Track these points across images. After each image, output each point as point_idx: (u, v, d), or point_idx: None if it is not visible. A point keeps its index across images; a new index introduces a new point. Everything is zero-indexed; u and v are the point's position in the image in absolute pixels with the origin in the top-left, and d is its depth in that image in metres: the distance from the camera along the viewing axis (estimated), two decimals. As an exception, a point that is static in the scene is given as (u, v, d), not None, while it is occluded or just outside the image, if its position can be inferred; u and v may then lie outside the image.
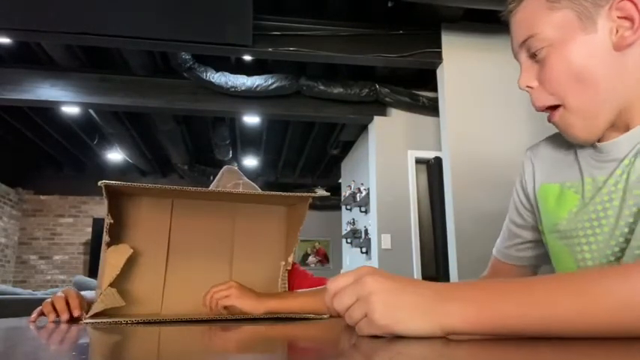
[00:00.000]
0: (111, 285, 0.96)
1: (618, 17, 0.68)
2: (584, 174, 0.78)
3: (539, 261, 0.92)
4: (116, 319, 0.90)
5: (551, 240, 0.83)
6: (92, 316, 0.92)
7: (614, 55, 0.68)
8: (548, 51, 0.71)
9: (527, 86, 0.76)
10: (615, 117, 0.72)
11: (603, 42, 0.69)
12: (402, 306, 0.48)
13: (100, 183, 0.89)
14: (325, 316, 0.99)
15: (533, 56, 0.74)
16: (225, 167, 1.33)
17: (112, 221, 0.95)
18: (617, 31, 0.68)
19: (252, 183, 1.31)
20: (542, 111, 0.76)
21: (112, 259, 0.98)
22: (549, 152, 0.86)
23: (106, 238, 0.95)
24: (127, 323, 0.88)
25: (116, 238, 1.00)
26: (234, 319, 0.96)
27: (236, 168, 1.36)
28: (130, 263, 1.01)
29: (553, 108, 0.74)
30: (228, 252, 1.11)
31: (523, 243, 0.92)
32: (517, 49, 0.77)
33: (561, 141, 0.84)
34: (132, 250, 1.00)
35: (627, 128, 0.72)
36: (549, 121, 0.76)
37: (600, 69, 0.69)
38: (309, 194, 1.02)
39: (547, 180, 0.85)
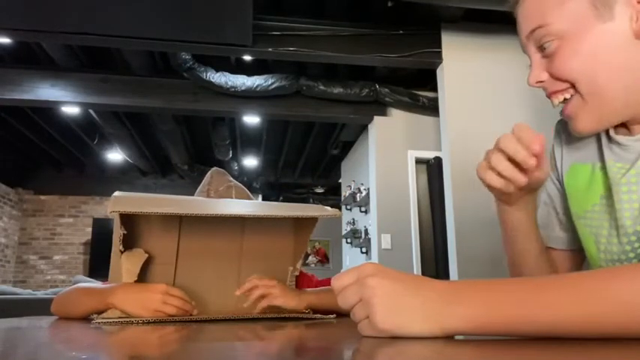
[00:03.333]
0: None
1: (639, 2, 0.64)
2: (605, 158, 0.72)
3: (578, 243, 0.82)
4: (124, 318, 0.91)
5: (579, 226, 0.78)
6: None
7: (634, 43, 0.64)
8: (558, 44, 0.66)
9: (539, 81, 0.70)
10: (631, 113, 0.67)
11: (622, 30, 0.64)
12: (403, 310, 0.48)
13: (110, 212, 0.88)
14: (332, 316, 0.99)
15: (541, 49, 0.69)
16: (213, 169, 1.32)
17: (125, 232, 0.95)
18: (637, 18, 0.64)
19: (241, 184, 1.31)
20: (559, 103, 0.70)
21: (128, 264, 0.98)
22: None
23: (120, 247, 0.96)
24: (137, 322, 0.88)
25: (126, 246, 1.00)
26: (239, 319, 0.96)
27: (223, 170, 1.35)
28: (140, 268, 1.01)
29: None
30: (237, 256, 1.10)
31: (558, 220, 0.84)
32: (525, 40, 0.71)
33: None
34: (147, 255, 1.00)
35: None
36: (563, 114, 0.71)
37: (620, 60, 0.64)
38: (319, 214, 1.00)
39: (576, 160, 0.79)
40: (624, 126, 0.71)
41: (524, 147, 0.64)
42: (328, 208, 1.01)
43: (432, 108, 4.33)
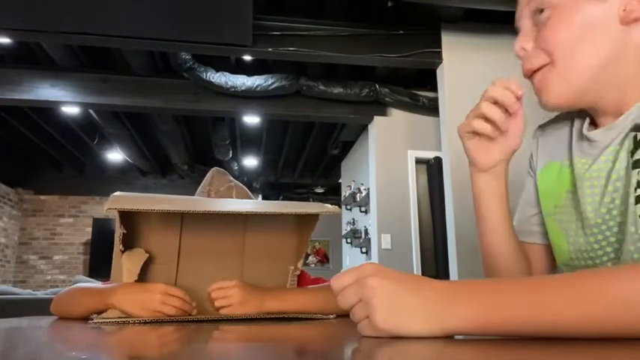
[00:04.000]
0: None
1: None
2: (573, 155, 0.77)
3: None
4: (124, 318, 0.91)
5: (550, 222, 0.81)
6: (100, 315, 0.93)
7: (618, 29, 0.67)
8: (552, 13, 0.70)
9: (523, 48, 0.74)
10: (597, 97, 0.70)
11: (610, 13, 0.67)
12: (403, 310, 0.48)
13: (107, 210, 0.87)
14: (332, 316, 0.99)
15: (536, 13, 0.72)
16: (213, 169, 1.31)
17: (124, 231, 0.94)
18: (626, 6, 0.66)
19: (241, 184, 1.31)
20: (530, 76, 0.75)
21: (129, 264, 0.97)
22: (553, 131, 0.85)
23: (120, 247, 0.95)
24: (134, 322, 0.88)
25: (127, 246, 1.00)
26: (239, 319, 0.96)
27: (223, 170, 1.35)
28: (142, 268, 1.01)
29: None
30: (239, 255, 1.10)
31: (535, 215, 0.87)
32: (523, 7, 0.75)
33: (565, 118, 0.83)
34: (147, 255, 0.99)
35: (619, 113, 0.70)
36: (530, 78, 0.76)
37: (602, 39, 0.68)
38: (319, 211, 1.00)
39: (549, 159, 0.83)
40: (595, 124, 0.75)
41: (510, 92, 0.73)
42: (328, 205, 1.02)
43: (432, 108, 4.33)
